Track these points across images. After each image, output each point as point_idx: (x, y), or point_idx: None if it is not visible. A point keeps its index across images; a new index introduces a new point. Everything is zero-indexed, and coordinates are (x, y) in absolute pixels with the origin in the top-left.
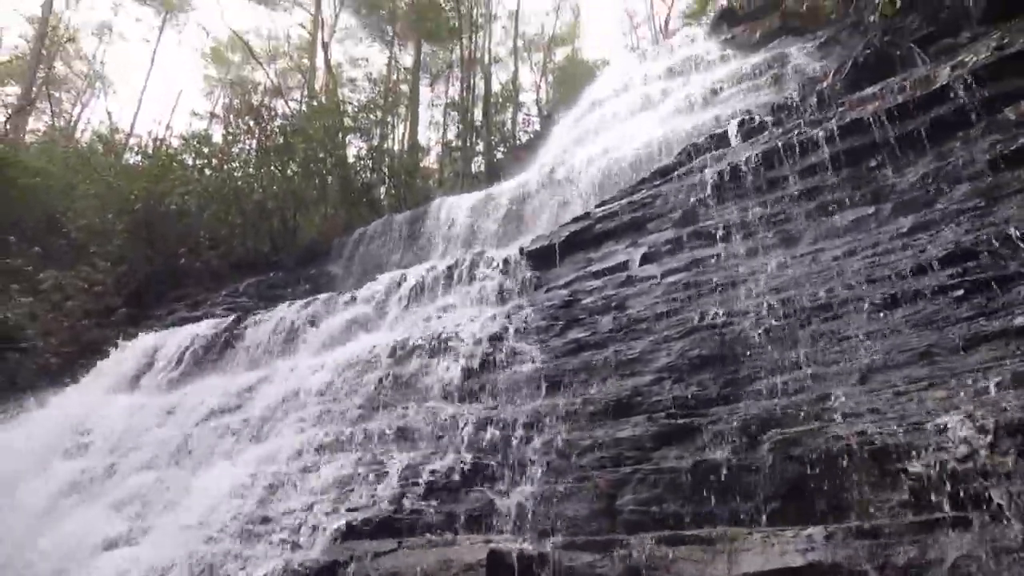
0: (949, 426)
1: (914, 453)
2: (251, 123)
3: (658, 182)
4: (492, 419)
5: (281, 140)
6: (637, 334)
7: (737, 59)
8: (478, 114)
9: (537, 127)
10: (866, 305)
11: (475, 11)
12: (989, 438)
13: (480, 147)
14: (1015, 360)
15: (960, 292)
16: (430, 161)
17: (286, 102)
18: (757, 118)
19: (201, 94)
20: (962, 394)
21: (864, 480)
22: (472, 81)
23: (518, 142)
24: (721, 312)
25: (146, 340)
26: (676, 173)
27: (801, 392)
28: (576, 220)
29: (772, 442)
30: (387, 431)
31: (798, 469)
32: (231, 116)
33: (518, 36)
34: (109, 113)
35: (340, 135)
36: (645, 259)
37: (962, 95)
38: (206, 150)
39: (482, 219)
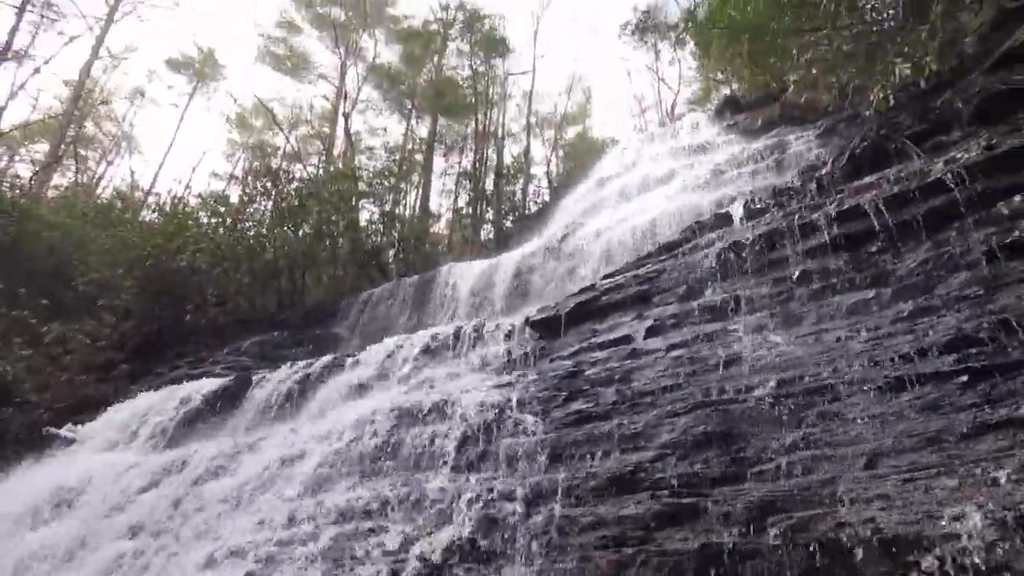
0: (963, 518)
1: (926, 545)
2: (268, 185)
3: (664, 257)
4: (491, 492)
5: (296, 202)
6: (641, 408)
7: (739, 144)
8: (489, 184)
9: (546, 198)
10: (870, 388)
11: (491, 89)
12: (1007, 532)
13: (490, 215)
14: (1023, 450)
15: (964, 378)
16: (440, 227)
17: (304, 166)
18: (760, 200)
19: (223, 156)
20: (972, 484)
21: (875, 571)
22: (485, 153)
23: (527, 212)
24: (726, 388)
25: (141, 400)
26: (681, 249)
27: (807, 474)
28: (582, 291)
29: (779, 527)
30: (382, 502)
31: (806, 556)
32: (249, 178)
33: (531, 113)
34: (132, 171)
35: (354, 199)
36: (650, 332)
37: (955, 189)
38: (222, 209)
39: (489, 286)
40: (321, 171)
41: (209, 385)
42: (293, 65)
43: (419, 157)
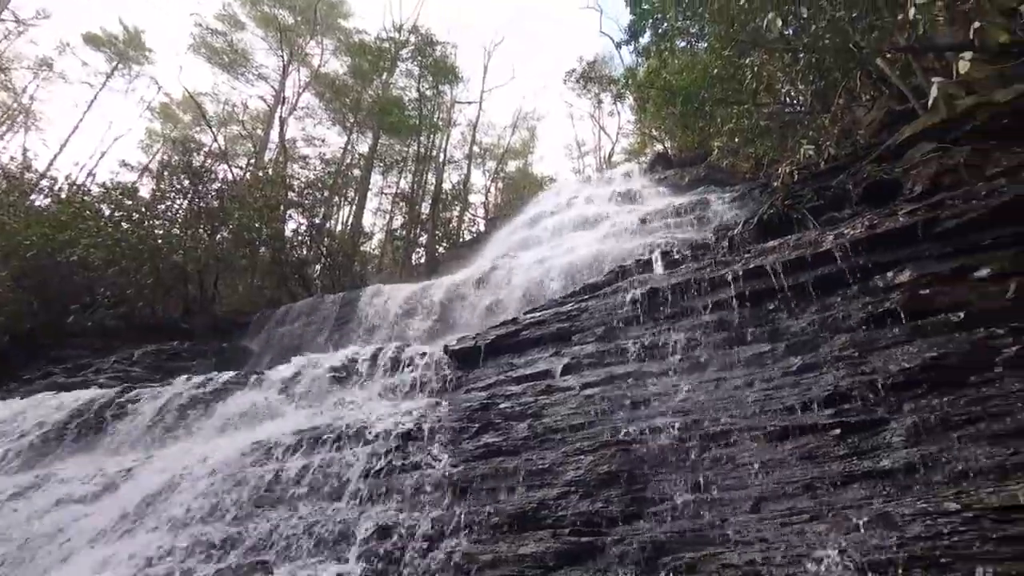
0: (825, 560)
1: None
2: (186, 182)
3: (586, 297)
4: (392, 525)
5: (216, 204)
6: (551, 444)
7: (667, 197)
8: (426, 208)
9: (482, 228)
10: (760, 435)
11: (437, 115)
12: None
13: (423, 240)
14: (880, 500)
15: (837, 431)
16: (371, 247)
17: (230, 167)
18: (679, 251)
19: (139, 147)
20: (837, 529)
21: None
22: (425, 176)
23: (461, 240)
24: (632, 429)
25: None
26: (604, 291)
27: (700, 516)
28: (504, 324)
29: (668, 568)
30: (273, 533)
31: None
32: (166, 172)
33: (475, 143)
34: (25, 150)
35: (282, 208)
36: (566, 370)
37: (842, 260)
38: (129, 203)
39: (415, 311)
40: (248, 175)
41: (85, 396)
42: (230, 60)
43: (356, 173)
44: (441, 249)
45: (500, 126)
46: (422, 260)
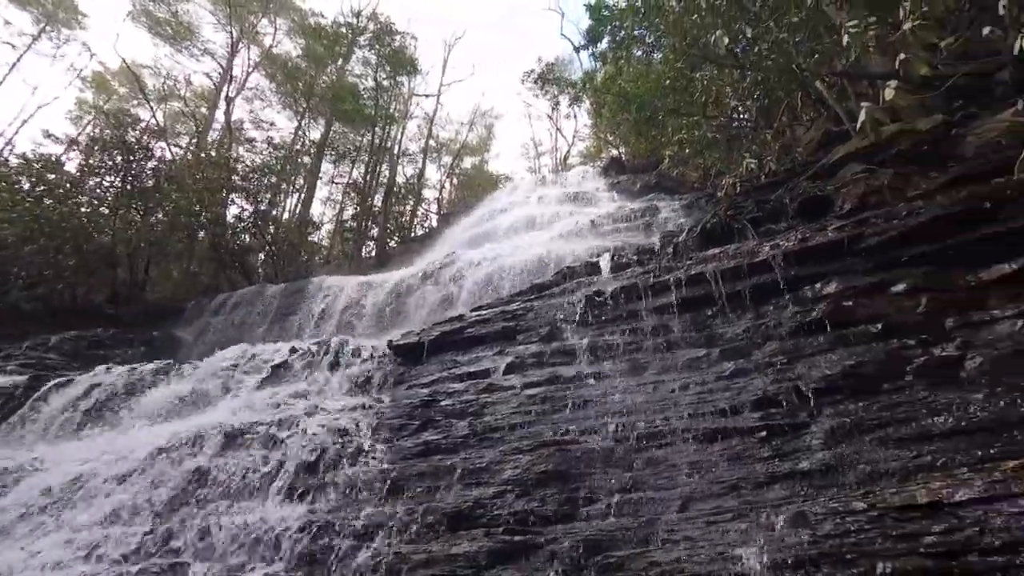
0: (744, 558)
1: None
2: (119, 159)
3: (533, 297)
4: (322, 524)
5: (151, 183)
6: (490, 443)
7: (619, 202)
8: (378, 200)
9: (435, 224)
10: (691, 437)
11: (393, 106)
12: (779, 573)
13: (374, 232)
14: (798, 500)
15: (763, 434)
16: (320, 237)
17: (168, 146)
18: (626, 255)
19: (67, 118)
20: (758, 528)
21: None
22: (378, 168)
23: (413, 234)
24: (571, 429)
25: None
26: (551, 291)
27: (631, 515)
28: (449, 321)
29: (598, 567)
30: (195, 533)
31: None
32: (96, 147)
33: (431, 137)
34: None
35: (224, 192)
36: (509, 369)
37: (776, 270)
38: (52, 177)
39: (363, 305)
40: (189, 155)
41: None
42: (174, 32)
43: (307, 160)
44: (392, 243)
45: (458, 121)
46: (372, 253)
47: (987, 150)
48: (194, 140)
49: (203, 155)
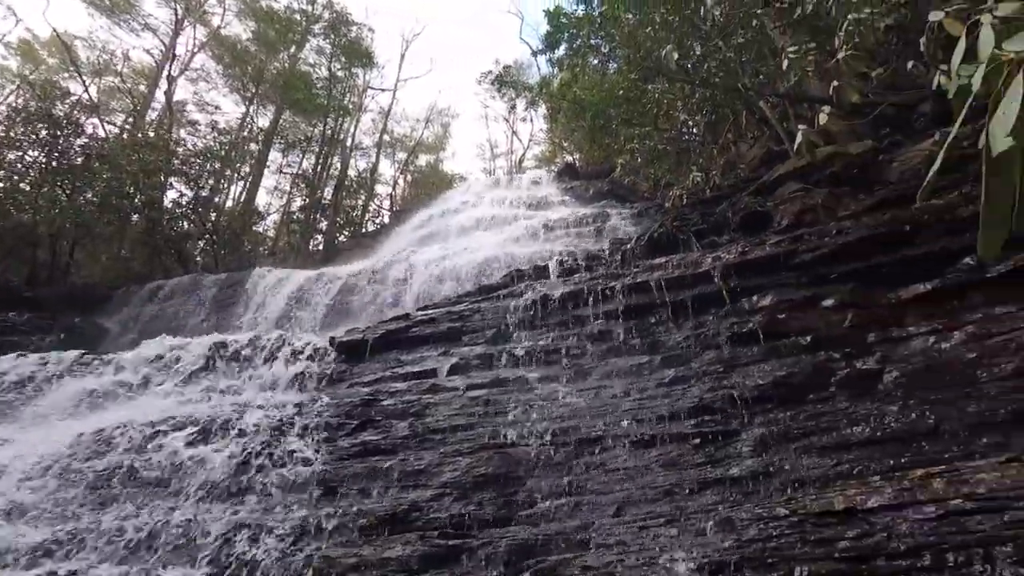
0: (673, 562)
1: None
2: (44, 133)
3: (481, 298)
4: (249, 526)
5: (80, 161)
6: (430, 445)
7: (571, 207)
8: (328, 193)
9: (387, 220)
10: (629, 442)
11: (348, 98)
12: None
13: (323, 226)
14: (726, 506)
15: (698, 441)
16: (265, 227)
17: (102, 123)
18: (574, 261)
19: None
20: (687, 533)
21: None
22: (330, 160)
23: (364, 230)
24: (512, 432)
25: None
26: (499, 293)
27: (568, 519)
28: (395, 319)
29: (531, 570)
30: (109, 535)
31: None
32: (19, 119)
33: (386, 131)
34: None
35: (162, 175)
36: (454, 370)
37: (718, 281)
38: None
39: (308, 299)
40: (125, 134)
41: None
42: (112, 4)
43: (254, 147)
44: (342, 237)
45: (414, 118)
46: (320, 247)
47: (909, 176)
48: (131, 119)
49: (140, 135)
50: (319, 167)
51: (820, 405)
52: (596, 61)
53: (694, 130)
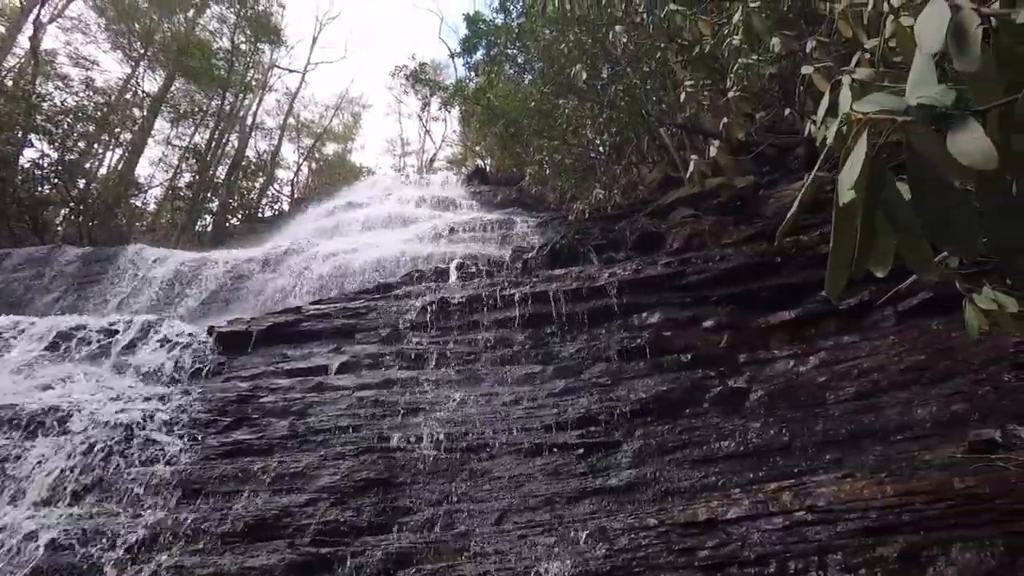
0: (547, 571)
1: None
2: None
3: (378, 296)
4: (91, 532)
5: None
6: (310, 446)
7: (478, 211)
8: (222, 172)
9: (286, 207)
10: (516, 451)
11: (252, 74)
12: None
13: (214, 206)
14: (602, 515)
15: (581, 451)
16: (145, 201)
17: None
18: (475, 265)
19: None
20: (563, 542)
21: None
22: (226, 137)
23: (261, 215)
24: (398, 436)
25: None
26: (396, 292)
27: (449, 527)
28: (285, 311)
29: None
30: None
31: None
32: None
33: (292, 115)
34: None
35: (19, 130)
36: (344, 368)
37: (613, 296)
38: None
39: (189, 284)
40: None
41: None
42: None
43: (138, 113)
44: (235, 220)
45: (324, 104)
46: (208, 228)
47: (782, 212)
48: None
49: None
50: (213, 143)
51: (694, 420)
52: (512, 70)
53: (600, 148)
